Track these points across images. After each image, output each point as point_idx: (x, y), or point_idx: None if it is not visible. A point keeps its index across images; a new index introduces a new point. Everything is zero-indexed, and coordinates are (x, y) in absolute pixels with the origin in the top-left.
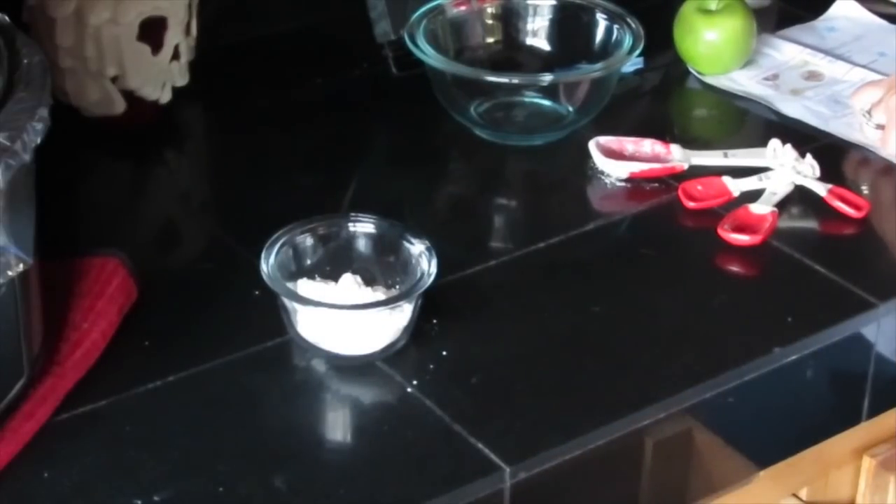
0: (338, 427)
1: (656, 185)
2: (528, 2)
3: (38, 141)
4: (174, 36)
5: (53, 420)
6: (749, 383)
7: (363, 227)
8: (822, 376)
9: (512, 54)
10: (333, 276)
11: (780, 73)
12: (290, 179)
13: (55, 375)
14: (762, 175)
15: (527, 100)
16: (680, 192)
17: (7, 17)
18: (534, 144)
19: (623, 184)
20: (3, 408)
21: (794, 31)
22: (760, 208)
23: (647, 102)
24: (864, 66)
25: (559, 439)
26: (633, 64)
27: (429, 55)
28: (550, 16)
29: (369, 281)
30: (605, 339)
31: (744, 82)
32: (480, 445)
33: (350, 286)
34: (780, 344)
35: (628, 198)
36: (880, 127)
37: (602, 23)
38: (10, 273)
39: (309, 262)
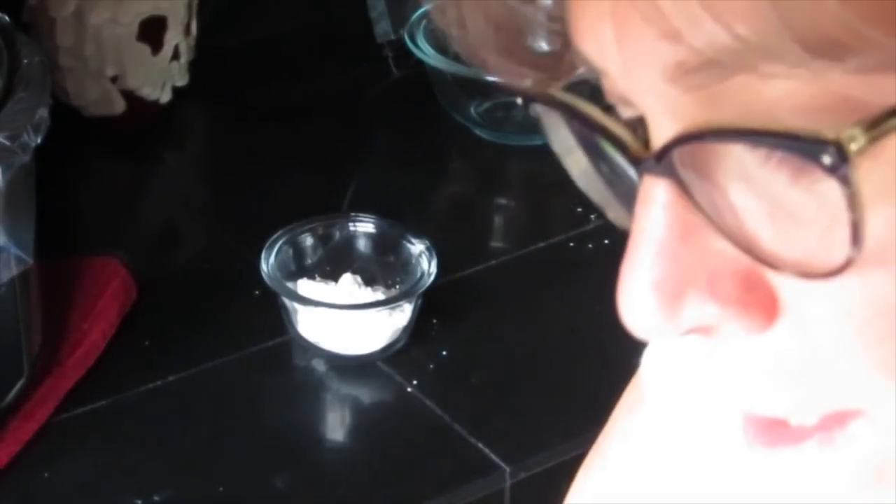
0: (338, 427)
1: None
2: None
3: (38, 141)
4: (174, 36)
5: (53, 420)
6: None
7: (363, 227)
8: None
9: None
10: (333, 276)
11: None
12: (290, 179)
13: (55, 375)
14: None
15: None
16: None
17: (7, 17)
18: (534, 144)
19: None
20: (3, 408)
21: None
22: None
23: None
24: None
25: (559, 439)
26: None
27: (429, 55)
28: None
29: (369, 281)
30: (605, 339)
31: None
32: (480, 445)
33: (350, 286)
34: None
35: None
36: None
37: None
38: (10, 273)
39: (309, 261)
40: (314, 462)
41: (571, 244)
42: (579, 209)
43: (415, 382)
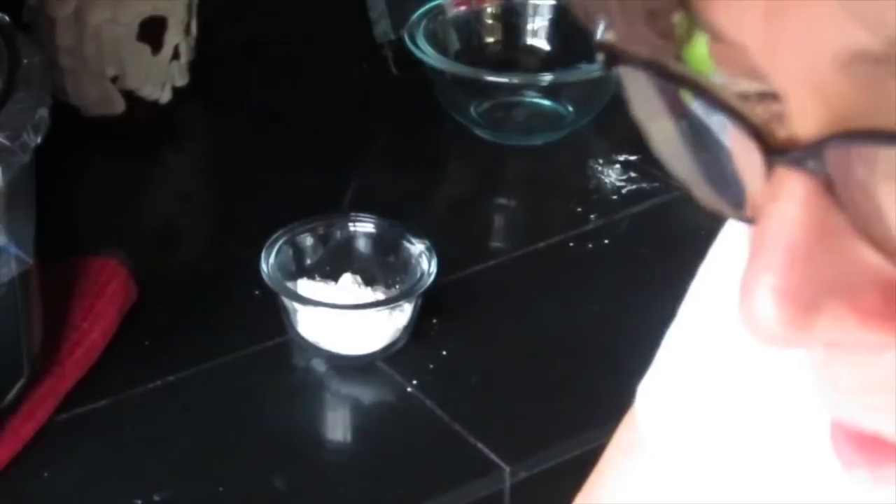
0: (338, 427)
1: (657, 184)
2: (528, 2)
3: (38, 141)
4: (174, 36)
5: (53, 420)
6: None
7: (363, 227)
8: None
9: (512, 54)
10: (333, 276)
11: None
12: (290, 179)
13: (55, 375)
14: None
15: (527, 100)
16: None
17: (7, 17)
18: (534, 144)
19: (623, 183)
20: (3, 408)
21: None
22: None
23: None
24: None
25: (559, 439)
26: None
27: (429, 55)
28: (550, 16)
29: (369, 281)
30: (605, 339)
31: None
32: (480, 445)
33: (350, 286)
34: None
35: (628, 197)
36: None
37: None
38: (10, 273)
39: (309, 261)
40: (314, 462)
41: (571, 244)
42: (579, 209)
43: (415, 382)
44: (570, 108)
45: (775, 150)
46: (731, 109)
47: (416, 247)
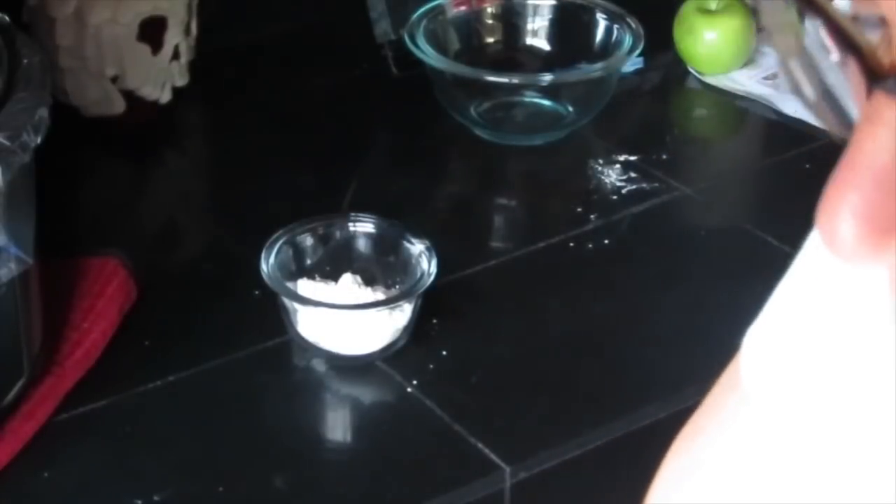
0: (338, 427)
1: (657, 184)
2: (528, 2)
3: (38, 141)
4: (174, 36)
5: (53, 420)
6: None
7: (363, 227)
8: None
9: (512, 54)
10: (333, 276)
11: (780, 72)
12: (290, 179)
13: (55, 375)
14: None
15: (527, 100)
16: None
17: (7, 17)
18: (534, 144)
19: (623, 183)
20: (3, 408)
21: None
22: None
23: (647, 102)
24: None
25: (559, 439)
26: (633, 64)
27: (429, 55)
28: (550, 16)
29: (369, 281)
30: (605, 339)
31: (744, 82)
32: (480, 445)
33: (350, 286)
34: None
35: (628, 197)
36: None
37: (602, 23)
38: (10, 273)
39: (309, 261)
40: (314, 462)
41: (571, 244)
42: (579, 209)
43: (415, 382)
44: (570, 108)
45: (876, 76)
46: (840, 29)
47: (416, 247)
